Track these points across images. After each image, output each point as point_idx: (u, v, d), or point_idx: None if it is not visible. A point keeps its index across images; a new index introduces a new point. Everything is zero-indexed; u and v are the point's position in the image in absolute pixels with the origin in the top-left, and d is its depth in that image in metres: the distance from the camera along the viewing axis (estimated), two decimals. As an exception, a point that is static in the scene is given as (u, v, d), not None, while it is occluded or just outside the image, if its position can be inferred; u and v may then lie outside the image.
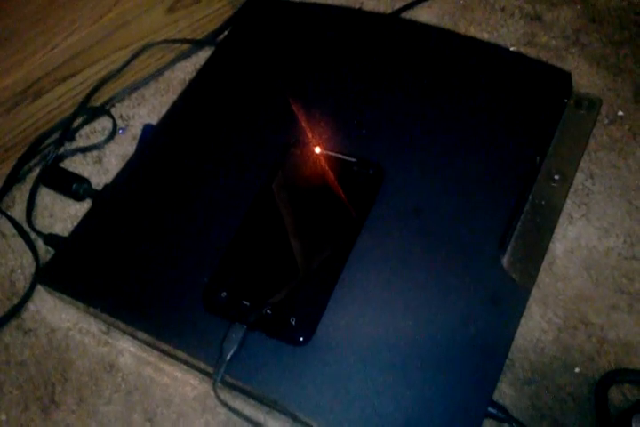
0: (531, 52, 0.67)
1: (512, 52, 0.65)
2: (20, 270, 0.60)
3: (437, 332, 0.45)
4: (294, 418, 0.46)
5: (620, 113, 0.62)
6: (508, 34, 0.69)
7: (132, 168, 0.57)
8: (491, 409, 0.44)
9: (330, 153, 0.52)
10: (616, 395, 0.48)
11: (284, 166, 0.52)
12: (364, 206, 0.50)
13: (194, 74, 0.64)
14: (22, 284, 0.59)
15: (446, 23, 0.71)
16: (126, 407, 0.52)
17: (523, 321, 0.50)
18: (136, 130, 0.68)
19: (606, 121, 0.61)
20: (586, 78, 0.64)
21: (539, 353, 0.50)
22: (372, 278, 0.47)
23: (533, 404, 0.49)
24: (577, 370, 0.50)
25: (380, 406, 0.43)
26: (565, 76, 0.56)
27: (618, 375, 0.48)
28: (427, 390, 0.43)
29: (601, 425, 0.47)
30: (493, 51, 0.60)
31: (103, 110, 0.68)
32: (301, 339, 0.45)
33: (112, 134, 0.67)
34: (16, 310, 0.57)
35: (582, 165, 0.58)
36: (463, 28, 0.70)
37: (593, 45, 0.67)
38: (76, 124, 0.68)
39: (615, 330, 0.51)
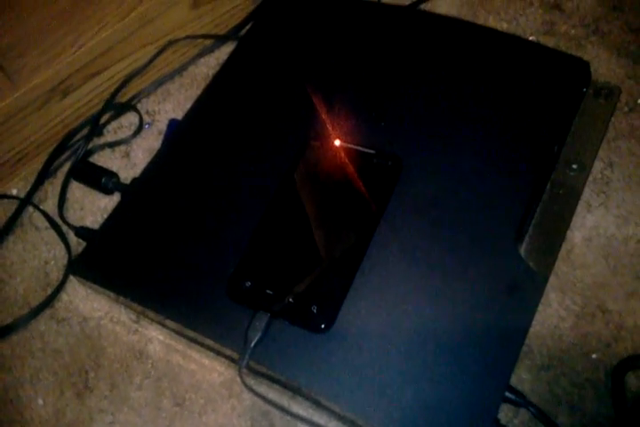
0: (550, 41, 0.67)
1: (531, 42, 0.65)
2: (53, 262, 0.62)
3: (456, 319, 0.46)
4: (317, 403, 0.48)
5: (640, 101, 0.62)
6: (527, 23, 0.69)
7: (158, 162, 0.58)
8: (508, 394, 0.45)
9: (349, 145, 0.53)
10: (633, 380, 0.49)
11: (304, 159, 0.53)
12: (383, 197, 0.50)
13: (217, 68, 0.65)
14: (55, 275, 0.61)
15: (465, 13, 0.71)
16: (156, 393, 0.54)
17: (541, 308, 0.51)
18: (162, 124, 0.69)
19: (626, 109, 0.61)
20: (605, 67, 0.64)
21: (556, 340, 0.51)
22: (392, 267, 0.48)
23: (551, 389, 0.49)
24: (594, 356, 0.50)
25: (400, 391, 0.44)
26: (584, 66, 0.56)
27: (635, 361, 0.49)
28: (445, 376, 0.44)
29: (618, 410, 0.48)
30: (512, 41, 0.60)
31: (130, 106, 0.70)
32: (323, 326, 0.46)
33: (139, 129, 0.69)
34: (50, 300, 0.59)
35: (601, 153, 0.58)
36: (482, 17, 0.70)
37: (613, 34, 0.67)
38: (103, 119, 0.69)
39: (633, 317, 0.51)
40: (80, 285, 0.59)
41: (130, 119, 0.70)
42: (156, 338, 0.56)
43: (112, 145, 0.68)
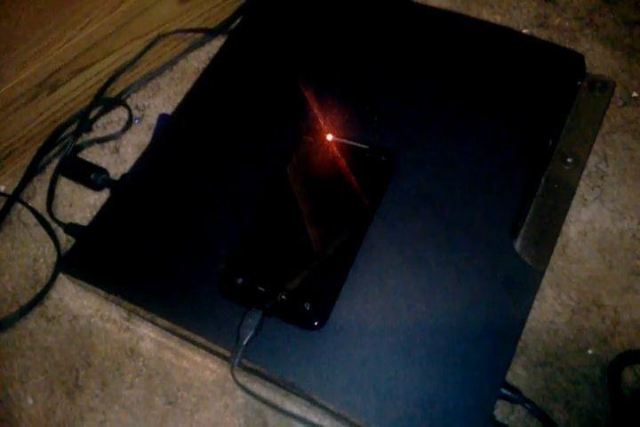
0: (544, 35, 0.67)
1: (524, 35, 0.64)
2: (42, 260, 0.61)
3: (451, 315, 0.46)
4: (311, 400, 0.47)
5: (635, 94, 0.61)
6: (520, 16, 0.69)
7: (148, 157, 0.58)
8: (504, 390, 0.45)
9: (342, 140, 0.52)
10: (629, 376, 0.49)
11: (297, 154, 0.53)
12: (377, 193, 0.50)
13: (207, 62, 0.64)
14: (44, 272, 0.60)
15: (458, 6, 0.70)
16: (148, 391, 0.53)
17: (536, 304, 0.51)
18: (152, 119, 0.68)
19: (620, 102, 0.61)
20: (600, 60, 0.64)
21: (552, 335, 0.51)
22: (385, 263, 0.48)
23: (547, 385, 0.49)
24: (590, 352, 0.50)
25: (395, 388, 0.43)
26: (578, 59, 0.56)
27: (631, 357, 0.49)
28: (440, 373, 0.44)
29: (614, 406, 0.47)
30: (505, 34, 0.60)
31: (119, 101, 0.69)
32: (316, 323, 0.45)
33: (128, 124, 0.68)
34: (39, 298, 0.59)
35: (596, 147, 0.58)
36: (475, 10, 0.70)
37: (607, 26, 0.66)
38: (92, 115, 0.69)
39: (629, 312, 0.51)
40: (70, 282, 0.58)
41: (119, 114, 0.69)
42: (148, 336, 0.56)
43: (101, 140, 0.67)
